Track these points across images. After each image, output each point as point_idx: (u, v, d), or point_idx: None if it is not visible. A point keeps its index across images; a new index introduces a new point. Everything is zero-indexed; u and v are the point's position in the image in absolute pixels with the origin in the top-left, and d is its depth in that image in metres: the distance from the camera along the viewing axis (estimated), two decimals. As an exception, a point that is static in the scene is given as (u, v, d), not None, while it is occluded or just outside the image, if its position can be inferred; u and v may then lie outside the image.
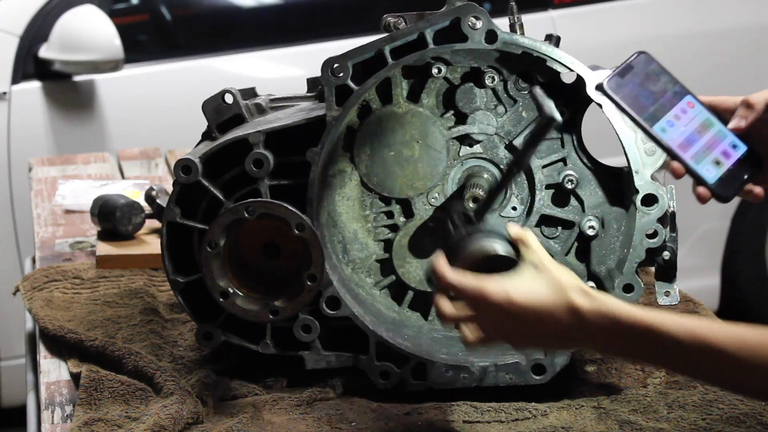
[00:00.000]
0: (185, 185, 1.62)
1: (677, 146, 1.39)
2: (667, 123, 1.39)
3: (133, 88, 3.50)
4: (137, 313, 1.88)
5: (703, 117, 1.41)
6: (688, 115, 1.41)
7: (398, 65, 1.59)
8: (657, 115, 1.39)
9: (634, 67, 1.41)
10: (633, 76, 1.40)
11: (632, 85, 1.40)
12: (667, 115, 1.40)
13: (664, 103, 1.40)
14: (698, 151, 1.39)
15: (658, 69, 1.41)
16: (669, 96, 1.40)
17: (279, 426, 1.52)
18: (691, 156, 1.39)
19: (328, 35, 3.58)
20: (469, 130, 1.68)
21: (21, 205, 3.36)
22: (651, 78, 1.40)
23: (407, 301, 1.71)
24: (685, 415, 1.54)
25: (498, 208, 1.69)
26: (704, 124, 1.41)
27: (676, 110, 1.40)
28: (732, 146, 1.40)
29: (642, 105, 1.39)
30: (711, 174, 1.39)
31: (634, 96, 1.40)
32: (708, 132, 1.40)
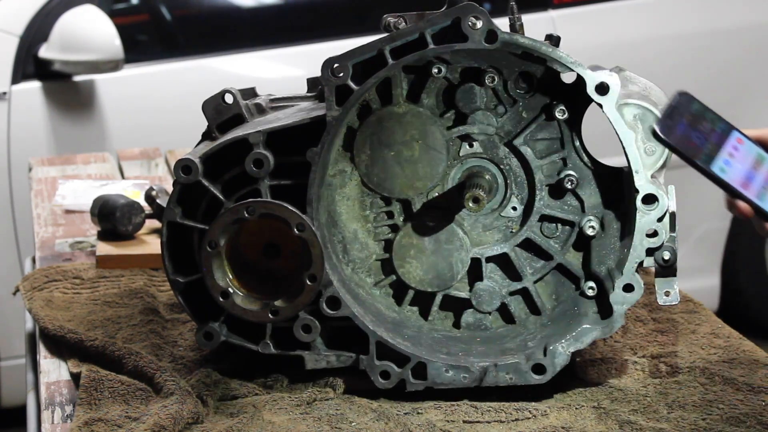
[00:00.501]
0: (185, 185, 1.62)
1: (740, 185, 1.36)
2: (724, 162, 1.36)
3: (133, 88, 3.51)
4: (137, 313, 1.88)
5: (755, 152, 1.38)
6: (741, 152, 1.37)
7: (398, 65, 1.59)
8: (712, 155, 1.36)
9: (679, 108, 1.37)
10: (680, 117, 1.36)
11: (682, 126, 1.36)
12: (721, 154, 1.36)
13: (715, 142, 1.37)
14: (760, 187, 1.37)
15: (701, 108, 1.37)
16: (718, 134, 1.37)
17: (279, 426, 1.52)
18: (755, 193, 1.36)
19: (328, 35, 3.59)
20: (469, 130, 1.68)
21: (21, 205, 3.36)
22: (697, 118, 1.37)
23: (407, 301, 1.71)
24: (685, 415, 1.54)
25: (498, 208, 1.69)
26: (758, 159, 1.38)
27: (728, 148, 1.37)
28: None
29: (696, 146, 1.35)
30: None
31: (686, 138, 1.36)
32: (763, 166, 1.38)
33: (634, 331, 1.82)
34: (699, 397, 1.58)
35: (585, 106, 1.66)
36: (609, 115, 1.57)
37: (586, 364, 1.70)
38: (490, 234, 1.71)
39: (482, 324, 1.71)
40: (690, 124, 1.36)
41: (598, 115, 1.62)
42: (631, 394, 1.61)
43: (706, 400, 1.57)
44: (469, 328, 1.71)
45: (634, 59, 3.59)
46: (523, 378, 1.62)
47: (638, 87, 1.66)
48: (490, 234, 1.71)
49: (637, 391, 1.62)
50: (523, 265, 1.70)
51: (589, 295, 1.66)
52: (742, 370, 1.66)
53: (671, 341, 1.79)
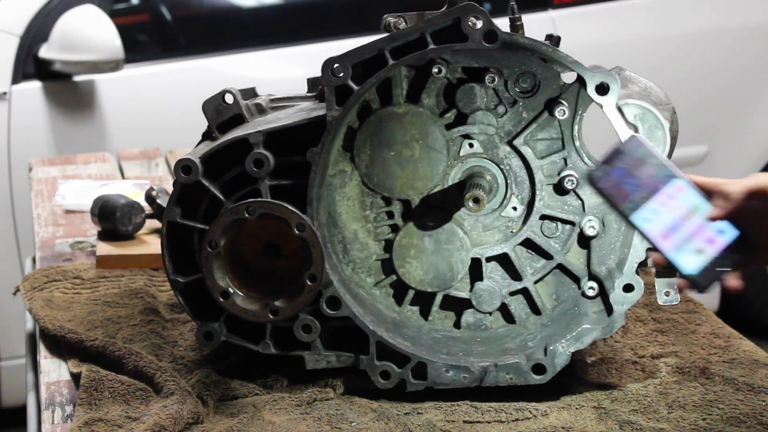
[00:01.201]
0: (185, 185, 1.62)
1: (658, 236, 1.36)
2: (651, 211, 1.36)
3: (134, 88, 3.50)
4: (137, 313, 1.88)
5: (692, 202, 1.36)
6: (676, 201, 1.36)
7: (398, 65, 1.59)
8: (641, 203, 1.36)
9: (624, 152, 1.37)
10: (621, 162, 1.37)
11: (620, 171, 1.37)
12: (652, 202, 1.36)
13: (651, 189, 1.36)
14: (681, 240, 1.36)
15: (648, 152, 1.37)
16: (657, 181, 1.36)
17: (279, 426, 1.52)
18: (672, 245, 1.36)
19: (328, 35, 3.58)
20: (469, 130, 1.68)
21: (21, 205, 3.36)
22: (640, 163, 1.37)
23: (407, 301, 1.71)
24: (685, 415, 1.54)
25: (498, 208, 1.69)
26: (692, 209, 1.36)
27: (662, 196, 1.36)
28: (719, 232, 1.36)
29: (626, 193, 1.36)
30: (692, 264, 1.35)
31: (619, 184, 1.37)
32: (694, 217, 1.36)
33: (634, 331, 1.82)
34: (699, 397, 1.58)
35: (585, 106, 1.66)
36: (609, 115, 1.57)
37: (586, 364, 1.70)
38: (490, 234, 1.70)
39: (482, 324, 1.71)
40: (629, 169, 1.37)
41: (598, 115, 1.62)
42: (631, 394, 1.61)
43: (706, 400, 1.57)
44: (469, 328, 1.71)
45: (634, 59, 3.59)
46: (523, 378, 1.62)
47: (638, 87, 1.66)
48: (491, 234, 1.70)
49: (637, 391, 1.62)
50: (524, 265, 1.70)
51: (589, 295, 1.66)
52: (742, 370, 1.66)
53: (671, 341, 1.79)
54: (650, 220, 1.36)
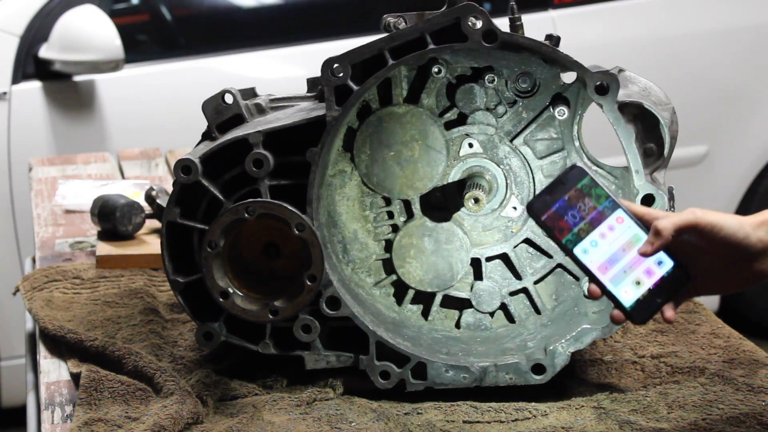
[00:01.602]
0: (185, 185, 1.62)
1: (597, 268, 1.35)
2: (590, 243, 1.35)
3: (133, 88, 3.50)
4: (137, 313, 1.88)
5: (631, 233, 1.36)
6: (615, 232, 1.35)
7: (398, 65, 1.59)
8: (581, 234, 1.35)
9: (565, 183, 1.36)
10: (562, 192, 1.36)
11: (561, 202, 1.35)
12: (593, 234, 1.35)
13: (591, 221, 1.35)
14: (619, 271, 1.35)
15: (589, 183, 1.36)
16: (597, 212, 1.35)
17: (279, 426, 1.52)
18: (610, 278, 1.35)
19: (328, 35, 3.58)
20: (469, 130, 1.68)
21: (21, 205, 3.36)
22: (581, 193, 1.36)
23: (407, 301, 1.71)
24: (685, 415, 1.54)
25: (498, 208, 1.69)
26: (631, 240, 1.35)
27: (603, 227, 1.35)
28: (657, 263, 1.35)
29: (567, 224, 1.35)
30: (629, 296, 1.35)
31: (559, 216, 1.35)
32: (633, 248, 1.35)
33: (634, 331, 1.82)
34: (699, 397, 1.58)
35: (585, 106, 1.66)
36: (609, 115, 1.57)
37: (586, 364, 1.70)
38: (490, 234, 1.70)
39: (482, 324, 1.71)
40: (570, 200, 1.35)
41: (598, 115, 1.62)
42: (631, 394, 1.61)
43: (706, 400, 1.56)
44: (469, 328, 1.71)
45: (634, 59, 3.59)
46: (523, 378, 1.62)
47: (638, 87, 1.66)
48: (490, 234, 1.70)
49: (637, 391, 1.62)
50: (523, 265, 1.70)
51: (589, 295, 1.66)
52: (742, 370, 1.66)
53: (671, 341, 1.79)
54: (589, 252, 1.35)
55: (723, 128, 3.82)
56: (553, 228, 1.36)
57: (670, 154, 1.62)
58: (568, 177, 1.36)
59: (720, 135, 3.81)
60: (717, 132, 3.82)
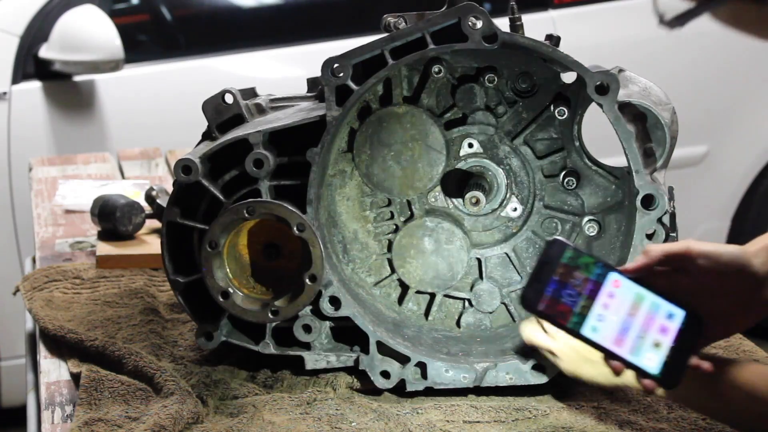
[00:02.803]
0: (185, 185, 1.62)
1: (612, 343, 1.26)
2: (597, 318, 1.26)
3: (133, 88, 3.50)
4: (137, 313, 1.88)
5: (633, 293, 1.27)
6: (617, 298, 1.27)
7: (398, 65, 1.59)
8: (584, 313, 1.26)
9: (550, 262, 1.27)
10: (550, 273, 1.26)
11: (552, 286, 1.26)
12: (595, 308, 1.26)
13: (589, 294, 1.26)
14: (635, 339, 1.26)
15: (574, 255, 1.27)
16: (592, 283, 1.26)
17: (279, 426, 1.52)
18: (629, 350, 1.26)
19: (328, 35, 3.58)
20: (469, 130, 1.68)
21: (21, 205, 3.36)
22: (569, 269, 1.26)
23: (407, 300, 1.71)
24: (685, 415, 1.54)
25: (498, 208, 1.69)
26: (635, 301, 1.27)
27: (603, 297, 1.26)
28: (668, 316, 1.27)
29: (567, 307, 1.26)
30: (653, 362, 1.27)
31: (555, 300, 1.26)
32: (640, 309, 1.27)
33: (634, 331, 1.82)
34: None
35: (585, 106, 1.66)
36: (609, 115, 1.57)
37: (586, 364, 1.70)
38: (490, 234, 1.71)
39: (482, 324, 1.71)
40: (561, 279, 1.26)
41: (598, 115, 1.62)
42: (631, 394, 1.61)
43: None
44: (469, 328, 1.71)
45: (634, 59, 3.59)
46: (523, 378, 1.62)
47: (638, 87, 1.66)
48: (490, 234, 1.71)
49: (637, 391, 1.61)
50: (524, 265, 1.70)
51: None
52: (742, 370, 1.66)
53: (671, 341, 1.78)
54: (599, 328, 1.26)
55: (723, 128, 3.82)
56: (554, 316, 1.27)
57: (670, 154, 1.62)
58: (551, 254, 1.27)
59: (720, 135, 3.81)
60: (717, 132, 3.82)
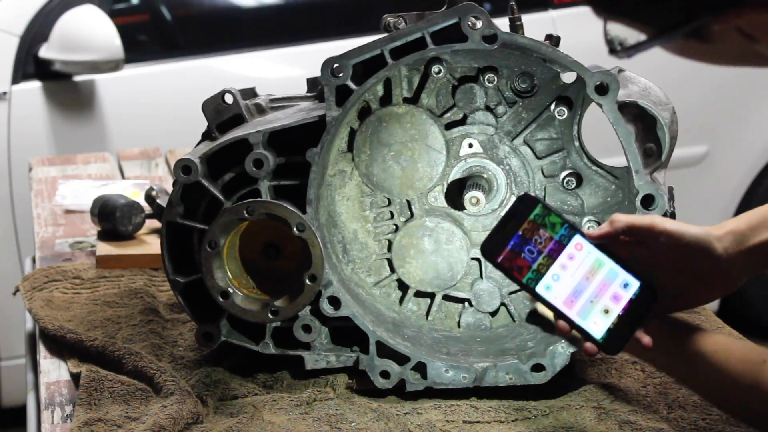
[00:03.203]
0: (185, 185, 1.62)
1: (562, 303, 1.27)
2: (552, 277, 1.27)
3: (133, 88, 3.50)
4: (137, 313, 1.88)
5: (593, 258, 1.28)
6: (576, 261, 1.27)
7: (398, 65, 1.59)
8: (541, 270, 1.27)
9: (517, 217, 1.27)
10: (515, 227, 1.27)
11: (515, 239, 1.26)
12: (553, 267, 1.27)
13: (550, 253, 1.27)
14: (586, 302, 1.27)
15: (542, 212, 1.27)
16: (555, 242, 1.27)
17: (279, 426, 1.52)
18: (578, 311, 1.27)
19: (328, 35, 3.58)
20: (469, 130, 1.68)
21: (21, 205, 3.36)
22: (536, 225, 1.27)
23: (407, 301, 1.71)
24: (685, 415, 1.54)
25: (498, 208, 1.69)
26: (594, 266, 1.27)
27: (563, 258, 1.27)
28: (623, 285, 1.28)
29: (525, 262, 1.26)
30: (599, 327, 1.27)
31: (515, 253, 1.26)
32: (597, 274, 1.27)
33: (634, 331, 1.82)
34: (699, 397, 1.57)
35: (585, 106, 1.66)
36: (609, 115, 1.57)
37: (586, 364, 1.70)
38: (490, 234, 1.70)
39: (482, 324, 1.71)
40: (525, 234, 1.26)
41: (598, 115, 1.62)
42: (631, 394, 1.61)
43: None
44: (469, 328, 1.71)
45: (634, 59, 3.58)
46: (523, 378, 1.62)
47: (638, 87, 1.66)
48: (490, 234, 1.70)
49: (637, 391, 1.61)
50: (523, 265, 1.70)
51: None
52: (742, 370, 1.66)
53: (671, 341, 1.79)
54: (552, 288, 1.27)
55: (723, 128, 3.82)
56: (511, 269, 1.27)
57: (670, 154, 1.62)
58: (519, 209, 1.27)
59: (720, 135, 3.81)
60: (717, 132, 3.82)
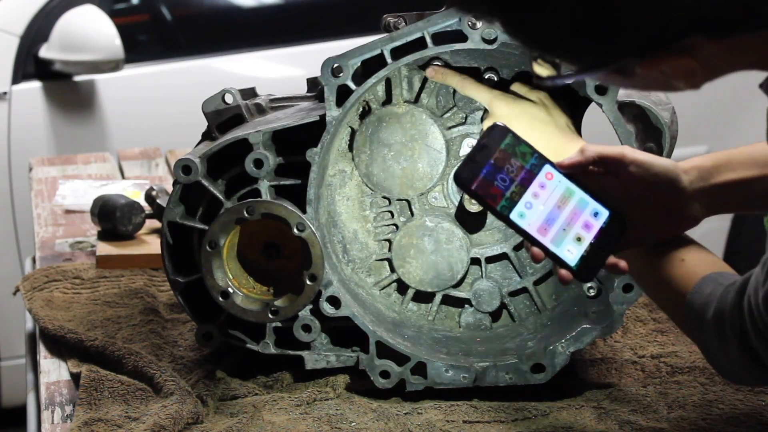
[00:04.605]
0: (185, 185, 1.62)
1: (536, 230, 1.29)
2: (525, 205, 1.28)
3: (134, 88, 3.51)
4: (137, 313, 1.88)
5: (563, 187, 1.30)
6: (547, 189, 1.29)
7: (398, 65, 1.59)
8: (514, 198, 1.28)
9: (489, 145, 1.28)
10: (487, 156, 1.28)
11: (488, 167, 1.28)
12: (526, 195, 1.28)
13: (522, 182, 1.28)
14: (559, 230, 1.29)
15: (513, 141, 1.28)
16: (526, 171, 1.28)
17: (279, 426, 1.52)
18: (551, 239, 1.29)
19: (328, 35, 3.58)
20: (469, 130, 1.68)
21: (21, 205, 3.36)
22: (507, 154, 1.28)
23: (407, 300, 1.71)
24: (685, 415, 1.54)
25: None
26: (564, 195, 1.30)
27: (534, 187, 1.29)
28: (594, 214, 1.30)
29: (498, 190, 1.28)
30: (572, 255, 1.29)
31: (488, 181, 1.28)
32: (568, 203, 1.30)
33: (634, 331, 1.82)
34: (699, 397, 1.58)
35: (585, 106, 1.66)
36: (609, 115, 1.57)
37: (586, 364, 1.70)
38: (490, 234, 1.71)
39: (482, 324, 1.71)
40: (497, 163, 1.28)
41: (598, 115, 1.62)
42: (631, 394, 1.61)
43: (706, 400, 1.56)
44: (469, 328, 1.71)
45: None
46: (523, 378, 1.62)
47: (638, 87, 1.65)
48: (490, 234, 1.71)
49: (637, 391, 1.62)
50: (523, 265, 1.70)
51: (589, 295, 1.66)
52: (742, 370, 1.66)
53: (671, 341, 1.79)
54: (525, 215, 1.29)
55: (723, 128, 3.82)
56: (484, 196, 1.29)
57: (670, 154, 1.62)
58: (491, 138, 1.29)
59: (720, 135, 3.81)
60: (717, 132, 3.81)
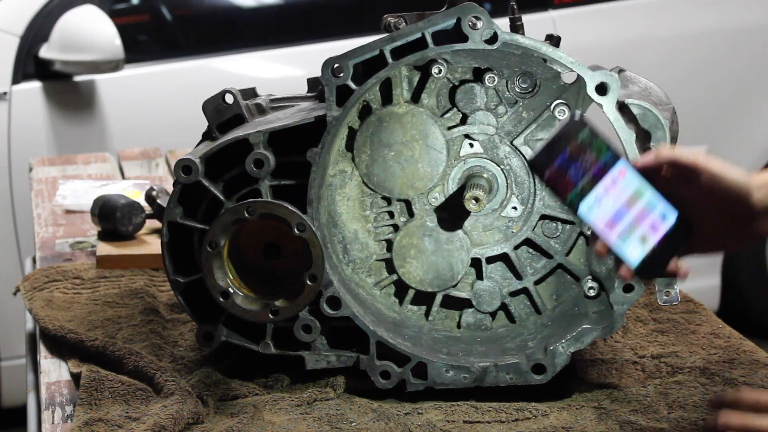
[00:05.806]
0: (186, 185, 1.62)
1: (603, 225, 1.30)
2: (595, 199, 1.30)
3: (134, 88, 3.51)
4: (137, 313, 1.88)
5: (635, 186, 1.31)
6: (618, 186, 1.31)
7: (398, 65, 1.59)
8: (585, 190, 1.30)
9: (566, 135, 1.30)
10: (564, 145, 1.29)
11: (563, 157, 1.29)
12: (596, 189, 1.30)
13: (594, 175, 1.30)
14: (625, 228, 1.30)
15: (590, 135, 1.30)
16: (600, 165, 1.30)
17: (279, 426, 1.52)
18: (617, 235, 1.30)
19: (328, 35, 3.59)
20: (469, 130, 1.68)
21: (21, 205, 3.36)
22: (582, 147, 1.29)
23: (407, 301, 1.71)
24: (685, 415, 1.54)
25: (499, 208, 1.69)
26: (635, 193, 1.31)
27: (606, 182, 1.30)
28: (662, 216, 1.31)
29: (571, 181, 1.29)
30: (636, 254, 1.31)
31: (562, 172, 1.29)
32: (638, 203, 1.31)
33: (634, 331, 1.82)
34: (699, 397, 1.58)
35: (585, 106, 1.66)
36: (609, 115, 1.57)
37: (586, 364, 1.70)
38: (490, 234, 1.70)
39: (482, 324, 1.71)
40: (572, 154, 1.29)
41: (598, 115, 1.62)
42: (631, 394, 1.61)
43: (706, 400, 1.56)
44: (469, 328, 1.71)
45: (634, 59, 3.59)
46: (523, 378, 1.62)
47: (638, 87, 1.66)
48: (491, 234, 1.70)
49: (637, 391, 1.62)
50: (524, 265, 1.70)
51: (589, 295, 1.66)
52: (742, 370, 1.66)
53: (671, 341, 1.79)
54: (594, 209, 1.30)
55: (723, 128, 3.82)
56: (557, 185, 1.30)
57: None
58: (568, 129, 1.30)
59: (720, 135, 3.81)
60: (717, 132, 3.82)
